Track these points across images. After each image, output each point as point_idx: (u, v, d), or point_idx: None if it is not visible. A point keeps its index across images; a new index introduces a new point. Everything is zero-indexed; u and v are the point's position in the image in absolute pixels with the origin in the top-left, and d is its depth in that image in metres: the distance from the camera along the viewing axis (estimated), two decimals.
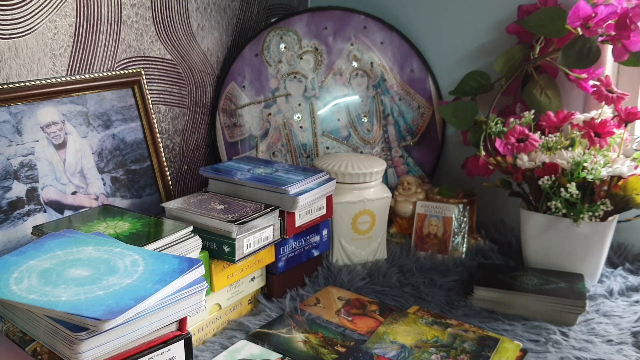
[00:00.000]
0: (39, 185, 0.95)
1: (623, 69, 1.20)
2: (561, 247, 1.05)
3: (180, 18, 1.21)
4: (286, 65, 1.33)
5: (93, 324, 0.58)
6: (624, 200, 1.00)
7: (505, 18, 1.23)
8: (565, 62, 1.05)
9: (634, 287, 1.04)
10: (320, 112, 1.34)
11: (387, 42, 1.35)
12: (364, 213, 1.13)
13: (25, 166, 0.94)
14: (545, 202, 1.04)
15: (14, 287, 0.64)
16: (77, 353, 0.59)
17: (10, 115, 0.92)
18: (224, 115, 1.30)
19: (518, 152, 1.05)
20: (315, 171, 1.06)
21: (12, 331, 0.69)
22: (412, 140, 1.36)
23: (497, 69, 1.18)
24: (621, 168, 0.98)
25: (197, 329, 0.88)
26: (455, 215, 1.18)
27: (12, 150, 0.92)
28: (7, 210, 0.90)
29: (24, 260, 0.70)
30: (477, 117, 1.19)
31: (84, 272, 0.67)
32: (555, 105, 1.14)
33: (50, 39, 0.98)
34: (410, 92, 1.35)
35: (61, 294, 0.62)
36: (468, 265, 1.13)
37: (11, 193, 0.92)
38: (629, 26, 0.98)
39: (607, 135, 1.01)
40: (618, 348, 0.86)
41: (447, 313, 0.97)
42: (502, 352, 0.84)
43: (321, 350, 0.85)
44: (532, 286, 0.98)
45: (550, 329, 0.91)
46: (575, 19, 1.02)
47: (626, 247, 1.17)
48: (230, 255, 0.88)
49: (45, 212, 0.96)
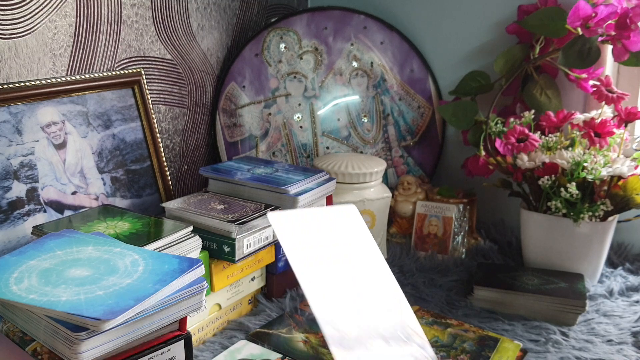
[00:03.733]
0: (39, 185, 0.95)
1: (623, 69, 1.20)
2: (561, 247, 1.05)
3: (180, 18, 1.21)
4: (286, 65, 1.33)
5: (93, 324, 0.58)
6: (624, 200, 1.00)
7: (505, 18, 1.23)
8: (565, 62, 1.05)
9: (634, 287, 1.04)
10: (320, 112, 1.34)
11: (387, 42, 1.35)
12: (364, 213, 1.13)
13: (25, 166, 0.94)
14: (545, 202, 1.04)
15: (14, 287, 0.64)
16: (77, 353, 0.59)
17: (10, 115, 0.92)
18: (224, 115, 1.30)
19: (518, 152, 1.05)
20: (315, 171, 1.06)
21: (12, 331, 0.69)
22: (412, 140, 1.36)
23: (497, 69, 1.18)
24: (621, 168, 0.98)
25: (197, 328, 0.88)
26: (455, 215, 1.18)
27: (12, 150, 0.92)
28: (7, 210, 0.90)
29: (24, 260, 0.70)
30: (477, 117, 1.19)
31: (84, 272, 0.67)
32: (555, 105, 1.14)
33: (50, 39, 0.98)
34: (410, 92, 1.35)
35: (61, 294, 0.62)
36: (468, 265, 1.13)
37: (11, 193, 0.91)
38: (629, 26, 0.98)
39: (607, 135, 1.01)
40: (618, 348, 0.86)
41: (447, 313, 0.97)
42: (502, 352, 0.84)
43: (321, 350, 0.85)
44: (532, 286, 0.98)
45: (550, 329, 0.91)
46: (575, 19, 1.02)
47: (626, 247, 1.17)
48: (230, 255, 0.88)
49: (45, 212, 0.95)
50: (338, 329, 0.72)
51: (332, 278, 0.77)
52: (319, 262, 0.78)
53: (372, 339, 0.74)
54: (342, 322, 0.73)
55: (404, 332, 0.78)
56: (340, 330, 0.72)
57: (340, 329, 0.72)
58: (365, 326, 0.75)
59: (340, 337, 0.71)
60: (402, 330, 0.78)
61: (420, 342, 0.79)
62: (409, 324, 0.80)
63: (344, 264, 0.80)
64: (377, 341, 0.74)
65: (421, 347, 0.78)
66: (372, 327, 0.75)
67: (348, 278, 0.79)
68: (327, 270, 0.78)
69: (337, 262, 0.80)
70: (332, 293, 0.76)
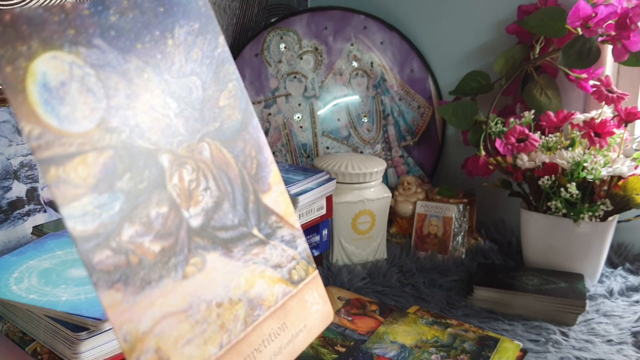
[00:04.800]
0: (39, 185, 0.95)
1: (623, 69, 1.20)
2: (561, 247, 1.05)
3: None
4: (286, 65, 1.33)
5: (93, 324, 0.58)
6: (624, 200, 1.00)
7: (505, 18, 1.23)
8: (565, 62, 1.05)
9: (634, 287, 1.04)
10: (320, 112, 1.34)
11: (387, 42, 1.35)
12: (364, 213, 1.13)
13: (25, 166, 0.94)
14: (545, 202, 1.04)
15: (14, 287, 0.64)
16: (77, 353, 0.59)
17: (10, 115, 0.92)
18: None
19: (518, 152, 1.05)
20: (315, 171, 1.06)
21: (12, 331, 0.69)
22: (412, 140, 1.36)
23: (497, 69, 1.18)
24: (621, 168, 0.98)
25: None
26: (455, 215, 1.18)
27: (12, 150, 0.92)
28: (7, 210, 0.91)
29: (24, 260, 0.70)
30: (477, 117, 1.19)
31: (84, 272, 0.67)
32: (555, 105, 1.14)
33: None
34: (410, 92, 1.35)
35: (61, 294, 0.62)
36: (468, 265, 1.13)
37: (11, 193, 0.92)
38: (629, 26, 0.98)
39: (607, 135, 1.02)
40: (618, 348, 0.86)
41: (447, 313, 0.97)
42: (502, 352, 0.84)
43: (321, 350, 0.85)
44: (532, 286, 0.98)
45: (550, 329, 0.91)
46: (575, 19, 1.02)
47: (626, 247, 1.17)
48: None
49: (45, 212, 0.96)
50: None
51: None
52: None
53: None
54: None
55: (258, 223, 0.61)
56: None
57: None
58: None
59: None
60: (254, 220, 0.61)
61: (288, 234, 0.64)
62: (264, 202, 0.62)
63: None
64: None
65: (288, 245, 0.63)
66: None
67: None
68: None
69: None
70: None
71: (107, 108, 0.48)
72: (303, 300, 0.63)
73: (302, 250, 0.64)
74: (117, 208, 0.47)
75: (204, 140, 0.57)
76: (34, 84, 0.43)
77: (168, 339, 0.49)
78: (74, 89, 0.46)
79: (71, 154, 0.45)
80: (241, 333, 0.55)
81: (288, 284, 0.62)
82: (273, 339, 0.59)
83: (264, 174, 0.62)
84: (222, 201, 0.57)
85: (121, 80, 0.50)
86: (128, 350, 0.46)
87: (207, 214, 0.55)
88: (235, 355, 0.54)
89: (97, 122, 0.47)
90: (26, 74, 0.43)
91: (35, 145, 0.43)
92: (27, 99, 0.43)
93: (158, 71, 0.53)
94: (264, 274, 0.59)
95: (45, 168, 0.43)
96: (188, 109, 0.56)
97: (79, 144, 0.46)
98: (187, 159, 0.54)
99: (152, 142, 0.51)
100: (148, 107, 0.52)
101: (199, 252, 0.53)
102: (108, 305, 0.45)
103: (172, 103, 0.54)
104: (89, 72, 0.47)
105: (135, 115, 0.50)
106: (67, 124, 0.45)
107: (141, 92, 0.51)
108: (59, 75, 0.45)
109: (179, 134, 0.54)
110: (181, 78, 0.56)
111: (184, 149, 0.54)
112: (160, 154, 0.52)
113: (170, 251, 0.51)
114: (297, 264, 0.63)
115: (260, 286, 0.58)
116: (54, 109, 0.44)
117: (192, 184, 0.54)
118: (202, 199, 0.55)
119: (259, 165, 0.62)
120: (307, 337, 0.63)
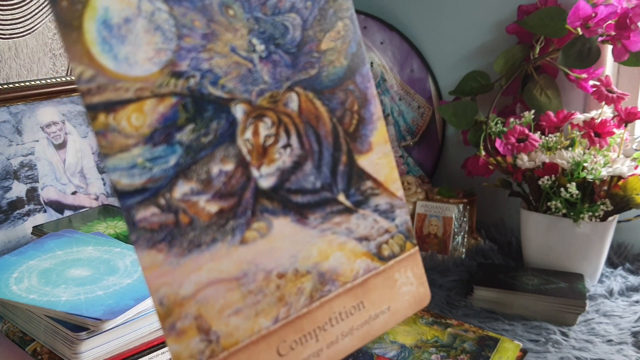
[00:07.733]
0: (39, 185, 0.95)
1: (623, 69, 1.20)
2: (561, 247, 1.05)
3: None
4: None
5: (93, 324, 0.58)
6: (624, 200, 1.00)
7: (505, 18, 1.23)
8: (565, 62, 1.05)
9: (634, 287, 1.04)
10: None
11: (387, 42, 1.35)
12: None
13: (25, 166, 0.94)
14: (545, 202, 1.04)
15: (14, 287, 0.64)
16: (77, 353, 0.59)
17: (10, 115, 0.92)
18: None
19: (518, 152, 1.05)
20: None
21: (12, 331, 0.69)
22: (412, 140, 1.36)
23: (497, 69, 1.18)
24: (621, 168, 0.98)
25: None
26: (455, 215, 1.18)
27: (12, 150, 0.92)
28: (7, 210, 0.91)
29: (24, 260, 0.70)
30: (477, 117, 1.19)
31: (84, 272, 0.67)
32: (555, 105, 1.14)
33: (50, 39, 0.98)
34: (410, 92, 1.35)
35: (61, 294, 0.62)
36: (468, 265, 1.13)
37: (11, 193, 0.92)
38: (629, 26, 0.98)
39: (607, 135, 1.01)
40: (618, 348, 0.86)
41: (447, 313, 0.97)
42: (502, 352, 0.84)
43: None
44: (532, 286, 0.98)
45: (550, 329, 0.91)
46: (575, 19, 1.02)
47: (626, 247, 1.17)
48: None
49: (45, 212, 0.96)
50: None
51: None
52: None
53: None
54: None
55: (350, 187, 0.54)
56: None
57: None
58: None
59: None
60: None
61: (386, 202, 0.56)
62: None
63: None
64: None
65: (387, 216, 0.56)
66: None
67: None
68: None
69: None
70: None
71: (176, 49, 0.42)
72: (391, 279, 0.56)
73: (400, 223, 0.56)
74: (172, 162, 0.42)
75: (292, 90, 0.49)
76: (93, 20, 0.38)
77: (212, 307, 0.44)
78: (139, 27, 0.40)
79: (125, 100, 0.40)
80: (304, 308, 0.49)
81: (374, 259, 0.54)
82: (344, 318, 0.52)
83: (365, 131, 0.54)
84: (304, 161, 0.50)
85: (199, 17, 0.44)
86: (163, 314, 0.42)
87: (283, 174, 0.49)
88: (292, 332, 0.49)
89: (163, 64, 0.42)
90: (85, 8, 0.38)
91: (84, 89, 0.38)
92: (82, 36, 0.38)
93: (248, 7, 0.46)
94: (344, 246, 0.52)
95: (93, 115, 0.38)
96: (278, 52, 0.48)
97: (136, 89, 0.40)
98: (267, 111, 0.48)
99: (226, 89, 0.45)
100: (228, 49, 0.45)
101: (265, 217, 0.47)
102: (146, 266, 0.41)
103: (258, 45, 0.47)
104: (161, 7, 0.42)
105: (210, 58, 0.44)
106: (125, 67, 0.40)
107: (222, 32, 0.45)
108: (124, 10, 0.40)
109: (262, 82, 0.47)
110: (277, 15, 0.48)
111: (265, 99, 0.47)
112: (234, 104, 0.46)
113: (229, 213, 0.45)
114: (390, 237, 0.56)
115: (337, 259, 0.52)
116: (112, 49, 0.39)
117: (269, 140, 0.48)
118: (279, 157, 0.49)
119: (361, 121, 0.53)
120: (389, 320, 0.56)
